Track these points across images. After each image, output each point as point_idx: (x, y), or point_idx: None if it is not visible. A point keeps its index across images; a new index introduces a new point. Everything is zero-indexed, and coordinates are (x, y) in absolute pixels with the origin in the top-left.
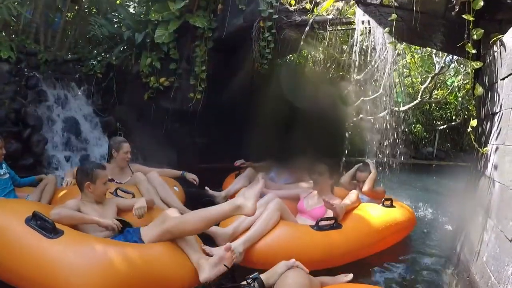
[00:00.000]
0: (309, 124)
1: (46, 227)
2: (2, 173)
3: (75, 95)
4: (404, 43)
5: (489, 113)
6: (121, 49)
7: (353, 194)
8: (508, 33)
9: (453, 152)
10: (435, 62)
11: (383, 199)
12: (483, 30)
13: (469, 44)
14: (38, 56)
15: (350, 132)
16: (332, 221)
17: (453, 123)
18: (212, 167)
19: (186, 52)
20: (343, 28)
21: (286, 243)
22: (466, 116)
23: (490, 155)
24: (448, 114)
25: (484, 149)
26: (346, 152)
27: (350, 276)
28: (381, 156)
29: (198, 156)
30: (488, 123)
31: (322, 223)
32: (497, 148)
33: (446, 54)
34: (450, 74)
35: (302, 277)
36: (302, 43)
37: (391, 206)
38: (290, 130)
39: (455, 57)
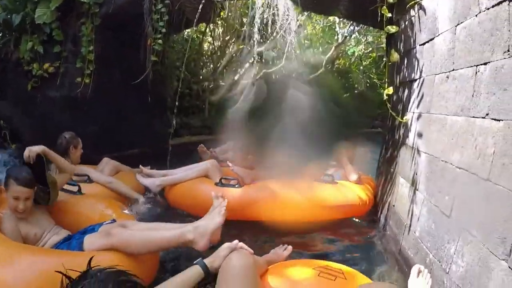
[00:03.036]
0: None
1: None
2: None
3: None
4: (307, 12)
5: (406, 80)
6: None
7: None
8: None
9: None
10: (338, 32)
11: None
12: None
13: (384, 7)
14: None
15: None
16: (235, 182)
17: (355, 91)
18: (112, 157)
19: (71, 32)
20: None
21: (192, 192)
22: (368, 84)
23: (411, 124)
24: (351, 82)
25: (404, 118)
26: None
27: (289, 248)
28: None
29: (94, 147)
30: (406, 91)
31: (224, 181)
32: (419, 116)
33: (348, 24)
34: (351, 44)
35: (246, 258)
36: (198, 15)
37: (331, 182)
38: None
39: (356, 27)
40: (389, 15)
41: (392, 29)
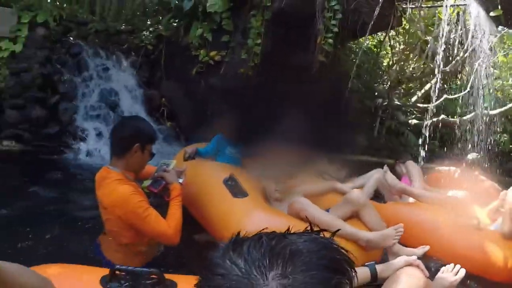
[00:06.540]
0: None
1: (235, 188)
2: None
3: (120, 66)
4: (499, 33)
5: None
6: (171, 19)
7: None
8: None
9: None
10: None
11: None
12: None
13: None
14: (88, 26)
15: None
16: None
17: None
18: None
19: (241, 24)
20: (428, 6)
21: None
22: None
23: None
24: None
25: None
26: None
27: (462, 272)
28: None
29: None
30: None
31: None
32: None
33: None
34: None
35: (418, 278)
36: (375, 17)
37: (476, 227)
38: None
39: None
40: None
41: None
